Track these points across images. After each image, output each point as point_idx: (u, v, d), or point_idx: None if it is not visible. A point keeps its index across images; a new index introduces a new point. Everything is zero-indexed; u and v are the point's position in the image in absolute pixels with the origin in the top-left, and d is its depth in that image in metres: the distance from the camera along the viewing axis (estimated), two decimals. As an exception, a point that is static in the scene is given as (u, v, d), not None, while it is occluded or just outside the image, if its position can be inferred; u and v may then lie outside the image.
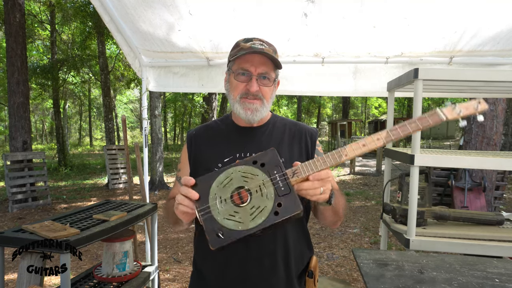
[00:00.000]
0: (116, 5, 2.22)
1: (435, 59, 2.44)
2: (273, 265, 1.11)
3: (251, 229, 0.85)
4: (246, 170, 0.92)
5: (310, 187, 0.90)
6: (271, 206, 0.87)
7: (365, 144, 0.91)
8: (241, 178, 0.92)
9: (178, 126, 28.47)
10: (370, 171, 11.70)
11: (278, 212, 0.86)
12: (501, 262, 1.32)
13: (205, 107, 12.97)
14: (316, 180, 0.90)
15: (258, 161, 0.93)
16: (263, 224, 0.85)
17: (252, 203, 0.88)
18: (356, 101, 35.42)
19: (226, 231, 0.86)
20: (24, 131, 7.25)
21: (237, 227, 0.86)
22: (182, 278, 3.66)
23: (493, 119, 4.44)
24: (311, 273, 1.18)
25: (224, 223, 0.87)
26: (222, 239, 0.85)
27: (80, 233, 1.71)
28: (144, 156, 2.79)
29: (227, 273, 1.12)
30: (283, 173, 0.91)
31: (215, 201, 0.90)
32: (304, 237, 1.21)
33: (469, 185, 4.02)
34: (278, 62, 1.13)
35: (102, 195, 8.43)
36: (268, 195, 0.88)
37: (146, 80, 2.74)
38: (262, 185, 0.90)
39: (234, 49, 1.17)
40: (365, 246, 4.65)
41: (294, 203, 0.87)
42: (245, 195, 0.89)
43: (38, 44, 16.09)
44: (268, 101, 1.15)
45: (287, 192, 0.88)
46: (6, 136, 19.30)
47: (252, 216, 0.86)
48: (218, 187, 0.92)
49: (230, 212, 0.88)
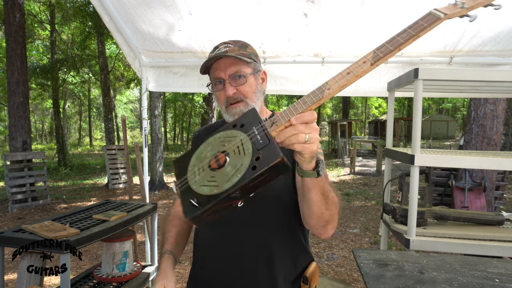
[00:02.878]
0: (116, 5, 2.22)
1: (435, 59, 2.44)
2: (253, 270, 1.08)
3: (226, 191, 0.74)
4: (224, 135, 0.83)
5: (292, 132, 0.76)
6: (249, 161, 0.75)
7: (349, 71, 0.76)
8: (219, 144, 0.82)
9: (178, 126, 28.47)
10: (370, 171, 11.70)
11: (256, 166, 0.74)
12: (501, 262, 1.32)
13: (205, 107, 12.97)
14: (299, 124, 0.76)
15: (237, 123, 0.83)
16: (240, 182, 0.73)
17: (229, 163, 0.78)
18: (356, 101, 35.44)
19: (201, 198, 0.76)
20: (24, 131, 7.25)
21: (212, 191, 0.76)
22: (182, 278, 3.66)
23: (493, 119, 4.44)
24: (306, 279, 1.12)
25: (199, 190, 0.78)
26: (196, 207, 0.76)
27: (80, 233, 1.71)
28: (144, 156, 2.79)
29: (215, 267, 1.13)
30: (261, 125, 0.79)
31: (193, 171, 0.83)
32: (296, 242, 1.16)
33: (469, 185, 4.02)
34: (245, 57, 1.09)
35: (102, 195, 8.43)
36: (245, 152, 0.77)
37: (146, 80, 2.74)
38: (240, 145, 0.79)
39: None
40: (365, 246, 4.65)
41: (273, 152, 0.74)
42: (221, 157, 0.79)
43: (38, 44, 16.10)
44: (251, 98, 1.11)
45: (265, 144, 0.76)
46: (6, 136, 19.30)
47: (228, 177, 0.76)
48: (197, 158, 0.84)
49: (207, 178, 0.79)
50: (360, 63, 0.76)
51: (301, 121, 0.77)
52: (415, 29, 0.75)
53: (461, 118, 28.32)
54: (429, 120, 26.81)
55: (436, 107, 34.58)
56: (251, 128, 0.80)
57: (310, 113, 0.78)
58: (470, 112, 4.64)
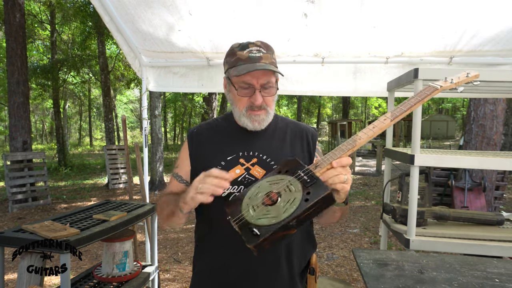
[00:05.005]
0: (116, 5, 2.22)
1: (435, 59, 2.44)
2: (276, 263, 1.11)
3: (284, 220, 0.85)
4: (271, 179, 0.96)
5: (334, 174, 0.90)
6: (301, 196, 0.88)
7: (374, 126, 0.95)
8: (268, 186, 0.94)
9: (178, 126, 28.46)
10: (370, 171, 11.70)
11: (308, 199, 0.87)
12: (501, 262, 1.32)
13: (205, 107, 12.97)
14: (339, 167, 0.91)
15: (282, 170, 0.97)
16: (296, 212, 0.85)
17: (282, 200, 0.90)
18: (356, 101, 35.42)
19: (261, 228, 0.86)
20: (24, 131, 7.25)
21: (271, 221, 0.86)
22: (182, 278, 3.66)
23: (493, 119, 4.43)
24: (313, 270, 1.19)
25: (258, 222, 0.88)
26: (258, 235, 0.85)
27: (80, 233, 1.71)
28: (144, 156, 2.79)
29: (230, 271, 1.12)
30: (306, 168, 0.93)
31: (247, 209, 0.92)
32: (306, 234, 1.22)
33: (469, 185, 4.02)
34: (274, 65, 1.13)
35: (102, 195, 8.43)
36: (296, 189, 0.90)
37: (146, 80, 2.74)
38: (289, 184, 0.92)
39: (230, 57, 1.15)
40: (365, 246, 4.65)
41: (321, 187, 0.88)
42: (274, 195, 0.91)
43: (38, 44, 16.08)
44: (272, 108, 1.17)
45: (313, 182, 0.90)
46: (6, 136, 19.30)
47: (284, 209, 0.87)
48: (249, 199, 0.94)
49: (263, 212, 0.89)
50: (382, 120, 0.97)
51: (341, 165, 0.91)
52: (420, 96, 1.01)
53: (461, 118, 28.28)
54: (429, 120, 26.80)
55: (436, 107, 34.56)
56: (297, 171, 0.94)
57: (347, 159, 0.92)
58: (470, 112, 4.64)
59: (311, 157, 1.20)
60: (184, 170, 1.22)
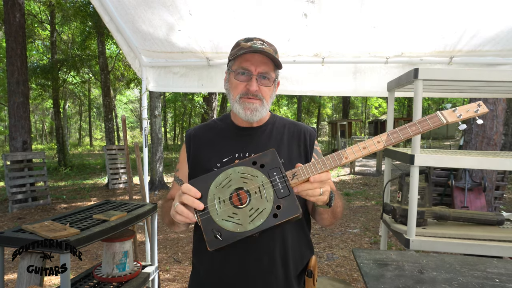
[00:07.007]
0: (116, 5, 2.22)
1: (435, 59, 2.44)
2: (271, 264, 1.11)
3: (249, 231, 0.85)
4: (245, 171, 0.92)
5: (309, 188, 0.89)
6: (270, 208, 0.87)
7: (365, 147, 0.91)
8: (240, 179, 0.91)
9: (178, 126, 28.46)
10: (370, 171, 11.70)
11: (277, 214, 0.86)
12: (501, 262, 1.32)
13: (205, 107, 12.96)
14: (316, 182, 0.89)
15: (257, 162, 0.93)
16: (262, 226, 0.85)
17: (251, 204, 0.88)
18: (356, 101, 35.41)
19: (224, 232, 0.86)
20: (24, 131, 7.25)
21: (236, 228, 0.86)
22: (182, 278, 3.66)
23: (493, 119, 4.43)
24: (310, 272, 1.18)
25: (222, 224, 0.86)
26: (220, 241, 0.85)
27: (80, 233, 1.71)
28: (144, 156, 2.79)
29: (226, 271, 1.12)
30: (283, 175, 0.90)
31: (213, 202, 0.89)
32: (304, 238, 1.21)
33: (469, 185, 4.02)
34: (278, 62, 1.13)
35: (102, 195, 8.43)
36: (267, 197, 0.88)
37: (146, 80, 2.74)
38: (261, 187, 0.89)
39: (234, 49, 1.17)
40: (365, 246, 4.65)
41: (293, 206, 0.87)
42: (244, 197, 0.89)
43: (38, 44, 16.09)
44: (267, 101, 1.15)
45: (286, 194, 0.88)
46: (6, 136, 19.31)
47: (251, 218, 0.86)
48: (216, 188, 0.91)
49: (228, 213, 0.88)
50: (375, 142, 0.91)
51: (319, 180, 0.89)
52: (422, 126, 0.91)
53: (461, 118, 28.22)
54: (429, 120, 26.75)
55: (436, 107, 34.57)
56: (272, 174, 0.91)
57: (326, 174, 0.90)
58: (470, 112, 4.63)
59: (308, 158, 1.20)
60: (184, 173, 1.23)
